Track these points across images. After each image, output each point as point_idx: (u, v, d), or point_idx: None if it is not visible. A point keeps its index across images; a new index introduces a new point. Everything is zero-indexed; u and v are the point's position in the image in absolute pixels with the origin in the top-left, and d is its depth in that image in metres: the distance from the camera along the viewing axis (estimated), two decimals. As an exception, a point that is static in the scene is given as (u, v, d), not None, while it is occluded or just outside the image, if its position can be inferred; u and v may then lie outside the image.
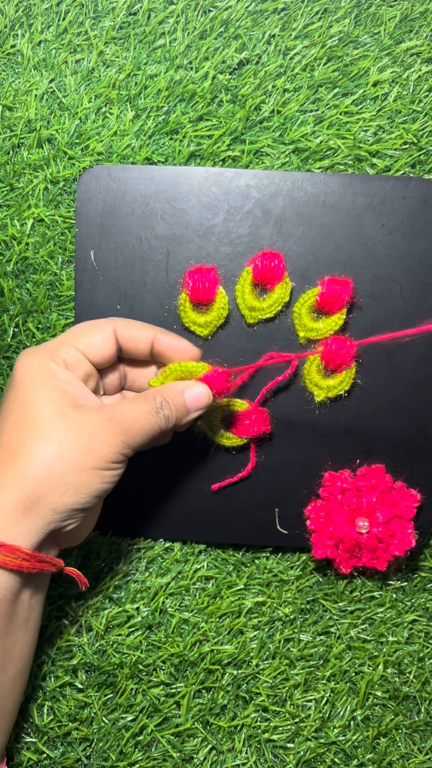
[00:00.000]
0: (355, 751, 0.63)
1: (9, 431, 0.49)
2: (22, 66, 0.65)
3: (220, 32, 0.65)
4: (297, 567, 0.66)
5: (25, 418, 0.49)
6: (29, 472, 0.47)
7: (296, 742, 0.64)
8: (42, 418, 0.49)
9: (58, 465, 0.48)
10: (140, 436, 0.52)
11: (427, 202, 0.61)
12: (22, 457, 0.48)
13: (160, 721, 0.64)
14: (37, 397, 0.50)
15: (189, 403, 0.55)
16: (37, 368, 0.51)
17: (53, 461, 0.48)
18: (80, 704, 0.64)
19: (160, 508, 0.65)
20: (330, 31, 0.65)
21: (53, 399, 0.50)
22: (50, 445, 0.48)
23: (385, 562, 0.62)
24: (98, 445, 0.49)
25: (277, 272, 0.61)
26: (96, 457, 0.49)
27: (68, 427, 0.49)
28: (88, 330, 0.54)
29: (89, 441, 0.49)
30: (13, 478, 0.47)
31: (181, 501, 0.65)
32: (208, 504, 0.65)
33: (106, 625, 0.65)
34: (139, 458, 0.63)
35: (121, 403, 0.52)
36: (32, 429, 0.49)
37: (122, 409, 0.51)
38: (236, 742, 0.64)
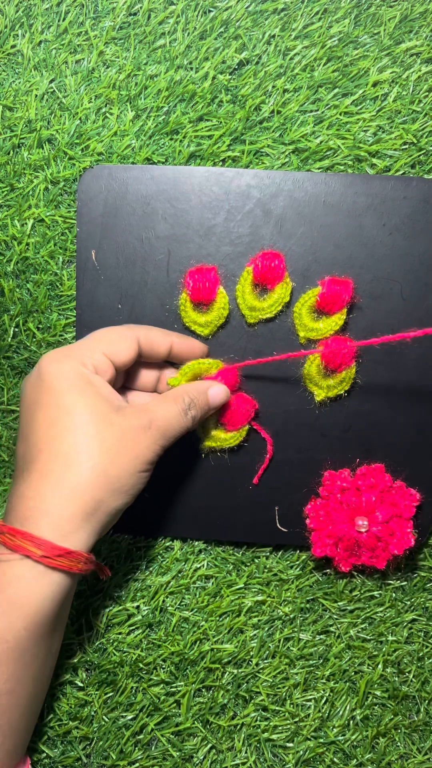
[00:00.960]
0: (354, 750, 0.63)
1: (58, 439, 0.50)
2: (23, 66, 0.65)
3: (220, 32, 0.65)
4: (297, 566, 0.66)
5: (73, 426, 0.50)
6: (89, 479, 0.50)
7: (296, 742, 0.64)
8: (90, 425, 0.51)
9: (112, 471, 0.50)
10: (173, 437, 0.55)
11: (427, 202, 0.61)
12: (77, 465, 0.50)
13: (160, 719, 0.64)
14: (81, 404, 0.51)
15: (211, 400, 0.59)
16: (73, 374, 0.52)
17: (109, 468, 0.50)
18: (80, 702, 0.64)
19: (160, 506, 0.65)
20: (330, 32, 0.65)
21: (96, 405, 0.51)
22: (103, 452, 0.50)
23: (384, 561, 0.62)
24: (143, 449, 0.52)
25: (277, 272, 0.61)
26: (142, 461, 0.52)
27: (116, 433, 0.51)
28: (113, 337, 0.56)
29: (135, 445, 0.52)
30: (74, 486, 0.49)
31: (181, 499, 0.65)
32: (208, 502, 0.65)
33: (107, 623, 0.65)
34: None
35: (154, 405, 0.55)
36: (84, 436, 0.50)
37: (158, 412, 0.54)
38: (236, 741, 0.64)
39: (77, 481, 0.49)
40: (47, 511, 0.49)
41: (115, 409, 0.52)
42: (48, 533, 0.48)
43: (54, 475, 0.49)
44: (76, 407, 0.51)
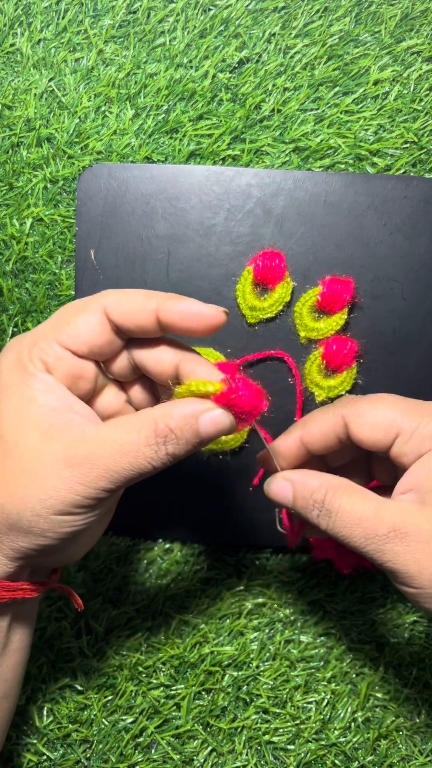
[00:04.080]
0: (355, 752, 0.63)
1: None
2: (22, 65, 0.65)
3: (220, 31, 0.65)
4: (297, 568, 0.66)
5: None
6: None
7: (297, 744, 0.63)
8: (4, 444, 0.42)
9: (12, 509, 0.41)
10: (124, 479, 0.41)
11: (428, 202, 0.61)
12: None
13: (161, 722, 0.63)
14: (6, 412, 0.42)
15: (203, 430, 0.42)
16: (12, 370, 0.42)
17: (7, 504, 0.41)
18: (80, 706, 0.63)
19: (160, 509, 0.65)
20: (330, 30, 0.65)
21: (21, 417, 0.41)
22: (5, 482, 0.41)
23: (385, 563, 0.62)
24: (60, 489, 0.40)
25: (278, 272, 0.61)
26: (58, 502, 0.41)
27: (28, 461, 0.41)
28: (71, 316, 0.43)
29: (51, 483, 0.40)
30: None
31: (180, 502, 0.65)
32: (208, 505, 0.65)
33: (106, 626, 0.64)
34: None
35: (107, 429, 0.42)
36: None
37: (103, 441, 0.41)
38: (237, 743, 0.63)
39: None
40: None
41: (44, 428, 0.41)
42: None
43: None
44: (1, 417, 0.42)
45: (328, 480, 0.45)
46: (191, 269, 0.62)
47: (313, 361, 0.62)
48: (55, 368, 0.43)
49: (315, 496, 0.44)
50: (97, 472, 0.40)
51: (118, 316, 0.43)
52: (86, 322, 0.43)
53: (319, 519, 0.44)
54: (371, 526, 0.42)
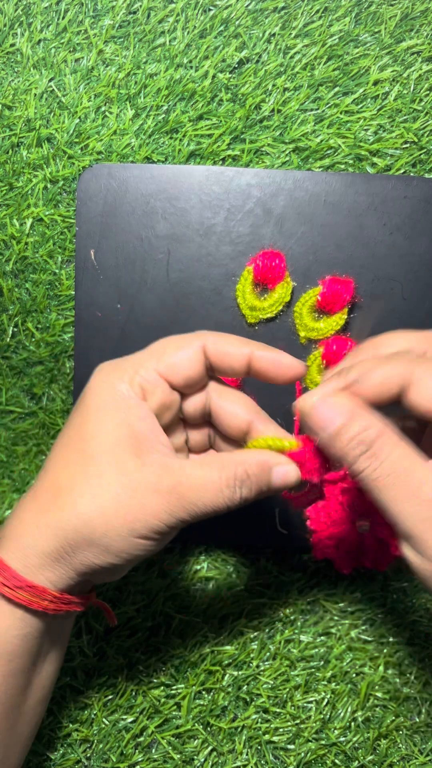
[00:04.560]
0: (355, 752, 0.63)
1: (64, 467, 0.44)
2: (22, 65, 0.65)
3: (220, 31, 0.65)
4: (297, 567, 0.66)
5: (80, 455, 0.44)
6: (69, 522, 0.43)
7: (297, 744, 0.63)
8: (98, 462, 0.43)
9: (100, 524, 0.43)
10: (202, 513, 0.44)
11: (428, 202, 0.61)
12: (67, 503, 0.43)
13: (161, 722, 0.63)
14: (101, 432, 0.44)
15: (275, 481, 0.45)
16: (109, 394, 0.44)
17: (97, 519, 0.43)
18: (80, 705, 0.63)
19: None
20: (330, 30, 0.65)
21: (117, 440, 0.43)
22: (97, 498, 0.43)
23: (385, 563, 0.62)
24: (148, 515, 0.43)
25: (278, 272, 0.61)
26: (142, 526, 0.43)
27: (122, 482, 0.43)
28: (170, 347, 0.46)
29: (139, 506, 0.43)
30: (53, 523, 0.43)
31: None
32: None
33: (106, 626, 0.65)
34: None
35: (191, 465, 0.44)
36: (86, 473, 0.43)
37: (190, 477, 0.43)
38: (237, 743, 0.63)
39: (60, 519, 0.43)
40: (20, 536, 0.44)
41: (137, 452, 0.43)
42: (13, 560, 0.44)
43: (41, 503, 0.44)
44: (93, 437, 0.44)
45: (385, 424, 0.42)
46: (191, 269, 0.62)
47: (313, 361, 0.62)
48: (151, 395, 0.45)
49: (366, 434, 0.42)
50: (181, 503, 0.43)
51: (215, 355, 0.46)
52: (186, 356, 0.45)
53: (360, 460, 0.42)
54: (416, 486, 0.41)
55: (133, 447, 0.43)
